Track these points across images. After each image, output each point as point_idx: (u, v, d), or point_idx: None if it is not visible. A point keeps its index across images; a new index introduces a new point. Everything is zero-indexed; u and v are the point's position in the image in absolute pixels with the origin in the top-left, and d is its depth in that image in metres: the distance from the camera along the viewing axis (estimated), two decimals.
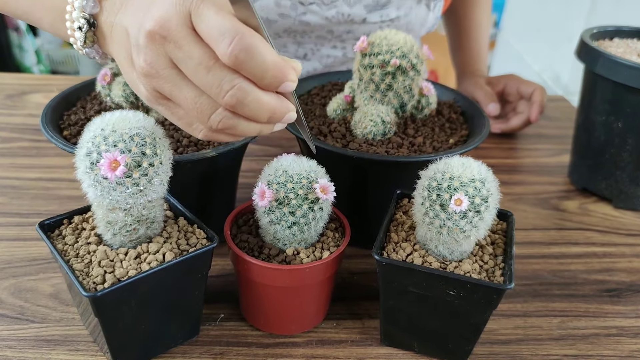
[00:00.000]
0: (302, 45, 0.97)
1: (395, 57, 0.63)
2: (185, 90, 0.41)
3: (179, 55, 0.40)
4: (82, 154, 0.46)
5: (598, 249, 0.74)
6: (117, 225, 0.49)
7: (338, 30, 0.94)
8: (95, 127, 0.46)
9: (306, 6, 0.89)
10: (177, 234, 0.53)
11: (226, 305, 0.60)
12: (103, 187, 0.46)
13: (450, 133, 0.69)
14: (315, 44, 0.97)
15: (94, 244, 0.50)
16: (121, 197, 0.46)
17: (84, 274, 0.48)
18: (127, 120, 0.46)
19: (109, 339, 0.48)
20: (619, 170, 0.80)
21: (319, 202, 0.52)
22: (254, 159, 0.86)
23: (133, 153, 0.45)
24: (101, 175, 0.45)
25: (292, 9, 0.89)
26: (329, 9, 0.90)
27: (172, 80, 0.41)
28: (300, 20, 0.91)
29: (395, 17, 0.93)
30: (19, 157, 0.84)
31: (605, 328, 0.61)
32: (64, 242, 0.51)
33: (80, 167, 0.46)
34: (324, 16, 0.90)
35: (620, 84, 0.74)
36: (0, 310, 0.58)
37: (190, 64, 0.39)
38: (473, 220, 0.49)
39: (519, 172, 0.91)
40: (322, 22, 0.91)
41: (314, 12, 0.90)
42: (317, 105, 0.73)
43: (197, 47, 0.39)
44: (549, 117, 1.07)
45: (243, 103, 0.40)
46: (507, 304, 0.63)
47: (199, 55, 0.39)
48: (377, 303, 0.62)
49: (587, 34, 0.83)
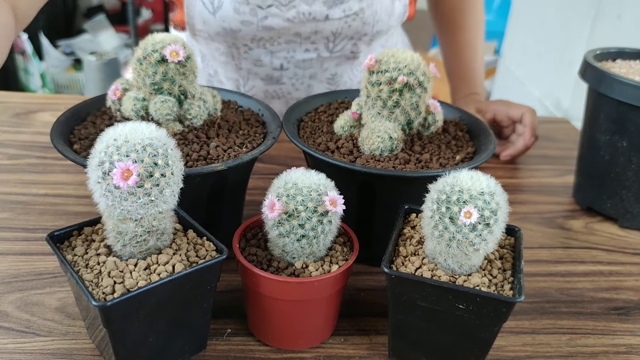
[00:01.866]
0: (275, 55, 0.97)
1: (402, 74, 0.64)
2: None
3: None
4: (94, 164, 0.46)
5: (604, 267, 0.74)
6: (127, 236, 0.49)
7: (304, 32, 0.93)
8: (108, 137, 0.46)
9: (265, 9, 0.89)
10: (186, 246, 0.53)
11: (233, 320, 0.60)
12: (115, 197, 0.46)
13: (456, 150, 0.69)
14: (288, 50, 0.96)
15: (104, 254, 0.50)
16: (132, 207, 0.46)
17: (93, 285, 0.48)
18: (140, 131, 0.46)
19: (116, 350, 0.48)
20: (624, 190, 0.80)
21: (328, 215, 0.52)
22: (260, 177, 0.86)
23: (145, 163, 0.45)
24: (113, 185, 0.45)
25: (252, 15, 0.89)
26: (288, 10, 0.90)
27: None
28: (262, 25, 0.91)
29: (359, 10, 0.92)
30: (27, 174, 0.84)
31: (614, 346, 0.60)
32: (74, 252, 0.51)
33: (92, 177, 0.46)
34: (285, 18, 0.90)
35: (625, 103, 0.75)
36: (7, 323, 0.58)
37: None
38: (482, 233, 0.49)
39: (524, 192, 0.91)
40: (285, 24, 0.91)
41: (274, 15, 0.90)
42: (324, 122, 0.74)
43: None
44: (552, 138, 1.08)
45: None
46: (515, 321, 0.63)
47: None
48: (384, 319, 0.61)
49: (590, 55, 0.84)
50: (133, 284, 0.47)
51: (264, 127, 0.71)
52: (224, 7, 0.89)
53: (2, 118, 1.00)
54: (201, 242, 0.54)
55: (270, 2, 0.89)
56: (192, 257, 0.51)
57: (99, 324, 0.46)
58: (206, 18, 0.90)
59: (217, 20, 0.90)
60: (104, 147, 0.46)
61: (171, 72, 0.62)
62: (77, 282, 0.46)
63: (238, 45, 0.94)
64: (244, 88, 1.03)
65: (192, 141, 0.62)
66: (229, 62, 1.00)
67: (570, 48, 2.11)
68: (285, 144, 0.94)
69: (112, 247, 0.51)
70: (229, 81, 1.04)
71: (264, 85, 1.01)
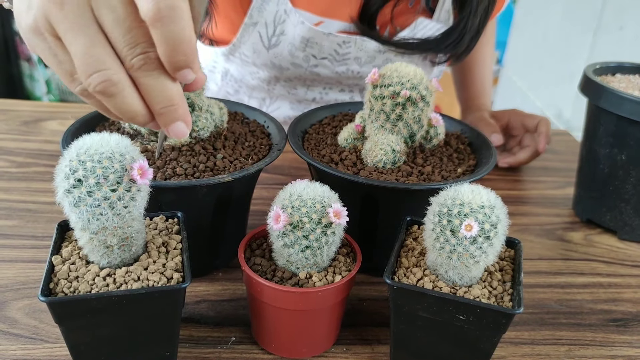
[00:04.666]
0: (310, 89, 1.01)
1: (405, 88, 0.65)
2: (82, 36, 0.37)
3: (100, 2, 0.36)
4: (63, 176, 0.46)
5: (604, 279, 0.75)
6: (97, 244, 0.50)
7: (347, 83, 0.99)
8: (71, 152, 0.46)
9: (318, 60, 0.92)
10: (161, 261, 0.53)
11: (238, 329, 0.61)
12: (88, 205, 0.46)
13: (458, 163, 0.71)
14: (324, 88, 1.01)
15: (85, 259, 0.52)
16: (105, 213, 0.46)
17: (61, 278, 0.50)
18: (106, 142, 0.46)
19: (71, 351, 0.50)
20: (623, 203, 0.81)
21: (332, 227, 0.53)
22: (264, 187, 0.87)
23: (116, 169, 0.46)
24: (86, 192, 0.45)
25: (304, 61, 0.92)
26: (340, 65, 0.94)
27: (76, 20, 0.37)
28: (311, 71, 0.94)
29: None
30: (35, 182, 0.85)
31: (613, 357, 0.61)
32: (76, 244, 0.53)
33: (59, 190, 0.46)
34: (334, 70, 0.94)
35: (624, 117, 0.76)
36: (15, 330, 0.59)
37: (110, 16, 0.36)
38: (482, 246, 0.50)
39: (525, 203, 0.92)
40: (332, 75, 0.95)
41: (325, 66, 0.94)
42: (328, 134, 0.75)
43: (122, 2, 0.36)
44: (553, 150, 1.09)
45: (147, 71, 0.37)
46: (515, 331, 0.64)
47: (123, 11, 0.36)
48: (386, 329, 0.62)
49: (590, 69, 0.86)
50: (87, 289, 0.49)
51: (269, 138, 0.72)
52: (279, 47, 0.91)
53: (11, 126, 1.02)
54: (178, 262, 0.53)
55: (326, 55, 0.92)
56: (156, 277, 0.51)
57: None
58: (258, 49, 0.93)
59: (268, 55, 0.93)
60: (74, 156, 0.46)
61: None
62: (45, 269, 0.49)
63: (280, 77, 0.97)
64: (269, 108, 1.05)
65: (199, 152, 0.64)
66: (262, 86, 1.02)
67: (572, 59, 2.13)
68: (289, 154, 0.96)
69: (89, 258, 0.51)
70: (251, 100, 1.06)
71: (290, 110, 1.04)
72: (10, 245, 0.71)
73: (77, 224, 0.48)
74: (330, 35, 0.89)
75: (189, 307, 0.63)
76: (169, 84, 0.38)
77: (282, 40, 0.90)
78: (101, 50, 0.37)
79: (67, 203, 0.47)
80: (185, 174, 0.61)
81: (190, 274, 0.50)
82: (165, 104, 0.39)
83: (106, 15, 0.37)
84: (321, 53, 0.92)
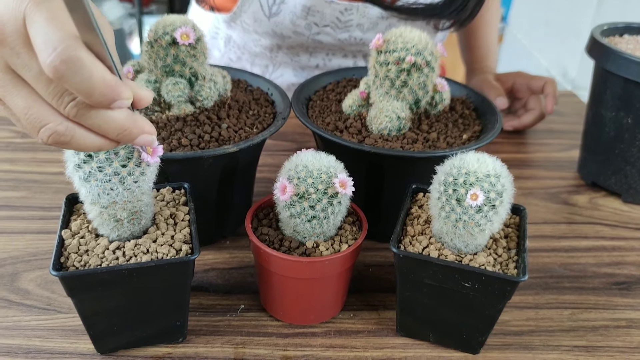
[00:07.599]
0: (313, 55, 1.00)
1: (410, 54, 0.65)
2: (16, 98, 0.38)
3: (17, 62, 0.37)
4: (71, 152, 0.47)
5: (607, 242, 0.75)
6: (107, 218, 0.50)
7: (350, 49, 0.98)
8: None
9: (320, 27, 0.91)
10: (169, 233, 0.53)
11: (246, 297, 0.62)
12: (98, 180, 0.47)
13: (463, 129, 0.70)
14: (327, 54, 1.00)
15: (95, 232, 0.52)
16: (115, 188, 0.47)
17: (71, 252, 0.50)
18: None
19: (84, 322, 0.51)
20: (629, 166, 0.81)
21: (337, 197, 0.54)
22: (269, 154, 0.87)
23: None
24: (97, 168, 0.46)
25: (306, 29, 0.91)
26: (342, 32, 0.92)
27: (5, 86, 0.38)
28: (313, 39, 0.93)
29: None
30: (40, 152, 0.86)
31: (615, 320, 0.62)
32: (85, 217, 0.53)
33: (69, 164, 0.47)
34: (336, 38, 0.93)
35: (631, 80, 0.76)
36: (28, 301, 0.60)
37: (29, 74, 0.37)
38: (488, 214, 0.51)
39: (530, 167, 0.92)
40: (335, 42, 0.94)
41: (327, 34, 0.92)
42: (332, 101, 0.75)
43: (34, 57, 0.36)
44: (559, 112, 1.09)
45: (84, 114, 0.37)
46: (519, 296, 0.65)
47: (37, 67, 0.36)
48: (392, 295, 0.63)
49: (597, 31, 0.84)
50: (97, 262, 0.49)
51: (273, 106, 0.72)
52: (280, 15, 0.90)
53: None
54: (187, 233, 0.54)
55: (328, 22, 0.91)
56: (165, 249, 0.52)
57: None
58: (259, 18, 0.92)
59: (270, 24, 0.91)
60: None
61: (182, 54, 0.63)
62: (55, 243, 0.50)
63: (282, 45, 0.96)
64: (272, 75, 1.04)
65: (203, 122, 0.64)
66: (264, 53, 1.01)
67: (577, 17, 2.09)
68: (293, 120, 0.95)
69: (98, 231, 0.52)
70: (254, 67, 1.05)
71: (293, 77, 1.03)
72: (19, 216, 0.72)
73: (87, 198, 0.49)
74: (331, 3, 0.88)
75: (197, 276, 0.64)
76: (110, 116, 0.38)
77: (283, 9, 0.89)
78: (38, 108, 0.38)
79: (77, 178, 0.47)
80: (191, 145, 0.61)
81: (199, 246, 0.51)
82: (117, 132, 0.39)
83: (26, 74, 0.37)
84: (323, 21, 0.91)
